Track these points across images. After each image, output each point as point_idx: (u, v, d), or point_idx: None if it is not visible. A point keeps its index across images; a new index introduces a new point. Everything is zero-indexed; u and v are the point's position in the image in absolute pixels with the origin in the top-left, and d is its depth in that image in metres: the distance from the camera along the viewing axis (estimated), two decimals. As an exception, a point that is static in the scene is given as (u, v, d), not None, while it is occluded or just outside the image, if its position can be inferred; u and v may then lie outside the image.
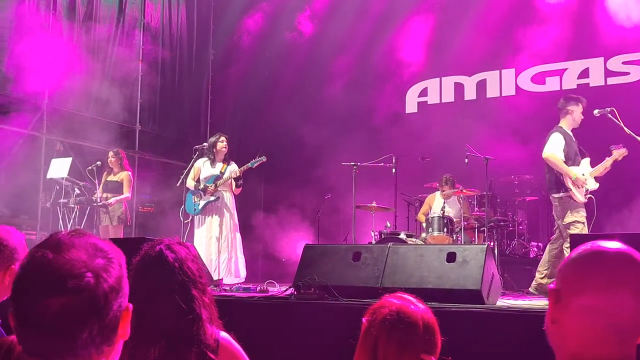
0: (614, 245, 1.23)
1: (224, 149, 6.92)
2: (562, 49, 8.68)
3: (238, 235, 6.91)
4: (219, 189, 6.77)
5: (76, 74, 8.80)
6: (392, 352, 1.71)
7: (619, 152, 5.68)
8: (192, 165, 7.13)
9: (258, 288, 6.13)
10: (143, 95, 9.82)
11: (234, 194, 6.93)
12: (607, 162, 5.69)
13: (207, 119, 10.97)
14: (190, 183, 6.94)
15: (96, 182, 7.38)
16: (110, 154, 7.60)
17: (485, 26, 8.90)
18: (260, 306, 4.59)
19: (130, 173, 7.59)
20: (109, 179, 7.54)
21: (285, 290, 4.96)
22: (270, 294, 5.42)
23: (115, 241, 4.86)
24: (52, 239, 1.08)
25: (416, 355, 1.72)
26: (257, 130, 9.88)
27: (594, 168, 5.72)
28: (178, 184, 7.07)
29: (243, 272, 6.80)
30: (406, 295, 1.84)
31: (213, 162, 6.92)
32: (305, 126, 9.73)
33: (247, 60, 10.70)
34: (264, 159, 6.79)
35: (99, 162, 7.53)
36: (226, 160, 6.94)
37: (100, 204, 7.27)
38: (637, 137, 5.57)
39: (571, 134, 5.85)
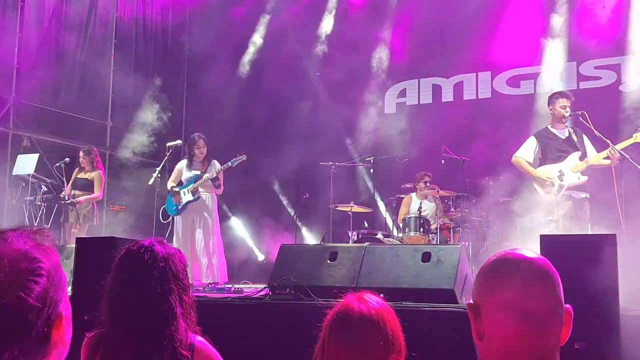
0: (515, 250, 1.33)
1: (202, 149, 6.80)
2: (536, 53, 8.79)
3: (217, 238, 6.78)
4: (199, 189, 6.67)
5: (45, 67, 8.57)
6: (331, 352, 1.71)
7: (613, 149, 5.55)
8: (165, 163, 7.01)
9: (232, 288, 6.04)
10: (115, 90, 9.61)
11: (216, 195, 6.82)
12: (596, 158, 5.68)
13: (183, 115, 10.80)
14: (170, 185, 6.83)
15: (64, 179, 7.20)
16: (81, 153, 7.43)
17: (462, 29, 8.95)
18: (234, 307, 4.52)
19: (102, 172, 7.45)
20: (79, 176, 7.38)
21: (260, 291, 4.89)
22: (244, 294, 5.34)
23: (85, 240, 4.73)
24: None
25: (360, 354, 1.69)
26: (234, 128, 9.77)
27: (583, 161, 5.70)
28: (150, 182, 6.93)
29: (222, 277, 6.67)
30: (368, 294, 1.82)
31: (193, 163, 6.81)
32: (283, 124, 9.67)
33: (224, 57, 10.55)
34: (244, 157, 6.72)
35: (67, 159, 7.37)
36: (207, 160, 6.83)
37: (69, 201, 7.09)
38: (607, 140, 5.63)
39: (556, 131, 5.91)
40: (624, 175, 5.49)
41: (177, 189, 6.71)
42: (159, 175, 6.97)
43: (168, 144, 7.18)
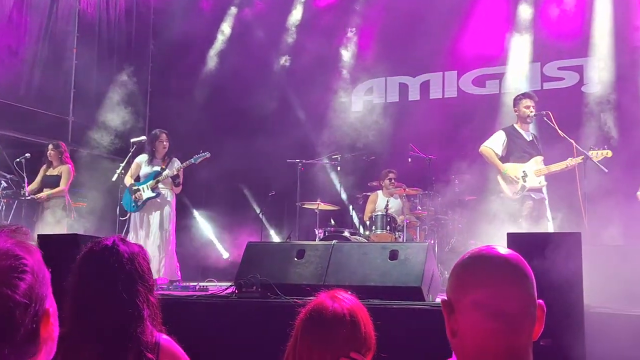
0: (489, 247, 1.34)
1: (164, 144, 6.70)
2: (502, 53, 8.91)
3: (173, 235, 6.70)
4: (159, 186, 6.56)
5: (4, 60, 8.31)
6: (304, 350, 1.72)
7: (573, 160, 5.70)
8: (129, 159, 6.88)
9: (197, 286, 5.95)
10: (77, 84, 9.38)
11: (175, 193, 6.73)
12: (556, 166, 5.80)
13: (147, 111, 10.60)
14: (128, 180, 6.71)
15: (24, 175, 7.00)
16: (50, 146, 7.27)
17: (429, 28, 9.01)
18: (200, 305, 4.45)
19: (70, 166, 7.26)
20: (48, 173, 7.18)
21: (226, 289, 4.83)
22: (210, 292, 5.26)
23: (47, 237, 4.58)
24: None
25: (333, 352, 1.69)
26: (199, 123, 9.63)
27: (545, 167, 5.85)
28: (114, 179, 6.80)
29: (175, 275, 6.59)
30: (341, 293, 1.82)
31: (154, 159, 6.69)
32: (249, 121, 9.60)
33: (189, 51, 10.41)
34: (207, 154, 6.64)
35: (27, 155, 7.18)
36: (168, 157, 6.73)
37: (29, 198, 6.90)
38: (570, 139, 5.76)
39: (522, 131, 6.02)
40: (587, 175, 5.62)
41: (136, 187, 6.60)
42: (123, 171, 6.84)
43: (132, 140, 7.05)
